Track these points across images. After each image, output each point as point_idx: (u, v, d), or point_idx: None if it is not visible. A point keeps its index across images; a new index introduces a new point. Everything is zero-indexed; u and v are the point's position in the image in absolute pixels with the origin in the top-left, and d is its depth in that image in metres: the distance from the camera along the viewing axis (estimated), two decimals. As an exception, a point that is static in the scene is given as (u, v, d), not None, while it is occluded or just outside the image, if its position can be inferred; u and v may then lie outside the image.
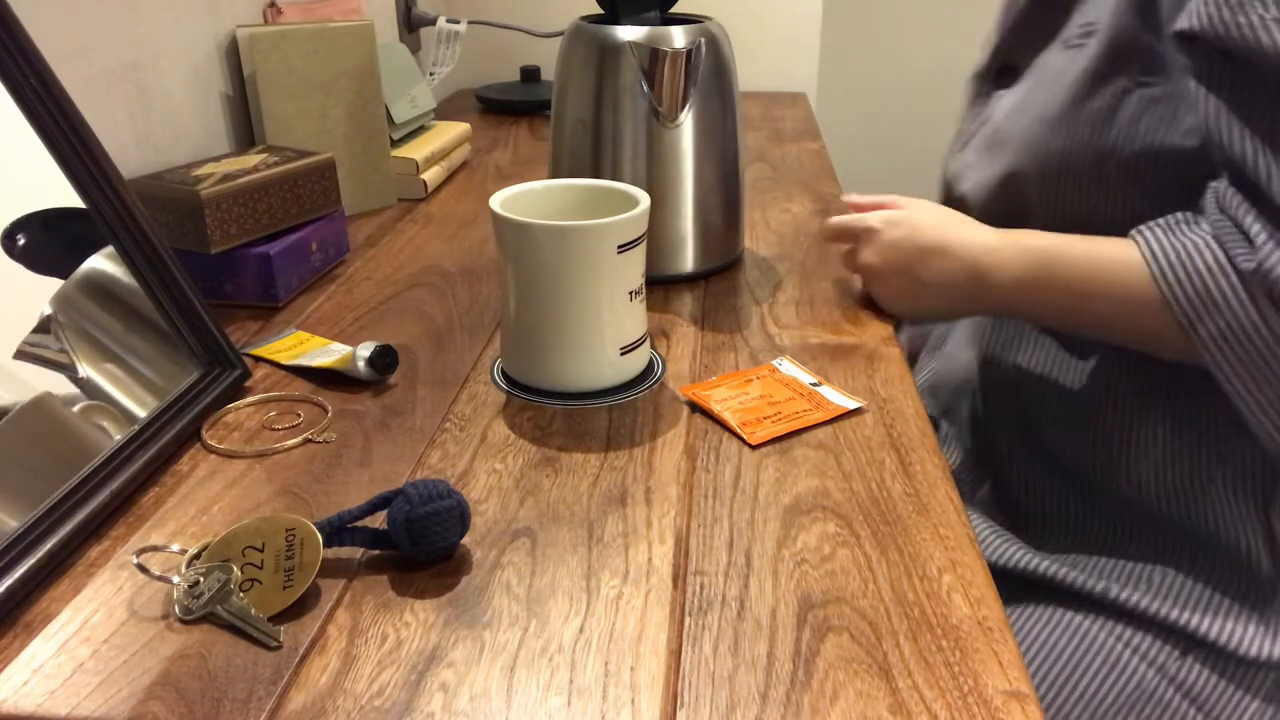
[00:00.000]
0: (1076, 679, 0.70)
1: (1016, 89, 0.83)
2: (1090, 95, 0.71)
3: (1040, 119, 0.75)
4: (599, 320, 0.63)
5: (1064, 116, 0.73)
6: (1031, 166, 0.75)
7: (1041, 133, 0.74)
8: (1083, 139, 0.72)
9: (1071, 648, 0.71)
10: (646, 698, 0.41)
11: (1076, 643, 0.71)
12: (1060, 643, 0.72)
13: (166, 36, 0.90)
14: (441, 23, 1.43)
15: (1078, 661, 0.71)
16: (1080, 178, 0.72)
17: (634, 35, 0.78)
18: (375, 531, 0.50)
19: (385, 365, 0.67)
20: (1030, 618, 0.73)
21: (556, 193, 0.69)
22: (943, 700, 0.41)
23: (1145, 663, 0.70)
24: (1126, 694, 0.69)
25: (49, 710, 0.41)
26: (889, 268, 0.76)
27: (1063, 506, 0.78)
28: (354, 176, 1.03)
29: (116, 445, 0.55)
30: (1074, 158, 0.72)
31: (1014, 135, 0.78)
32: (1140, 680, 0.69)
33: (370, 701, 0.41)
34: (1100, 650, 0.71)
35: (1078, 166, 0.72)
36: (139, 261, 0.62)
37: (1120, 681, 0.70)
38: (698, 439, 0.61)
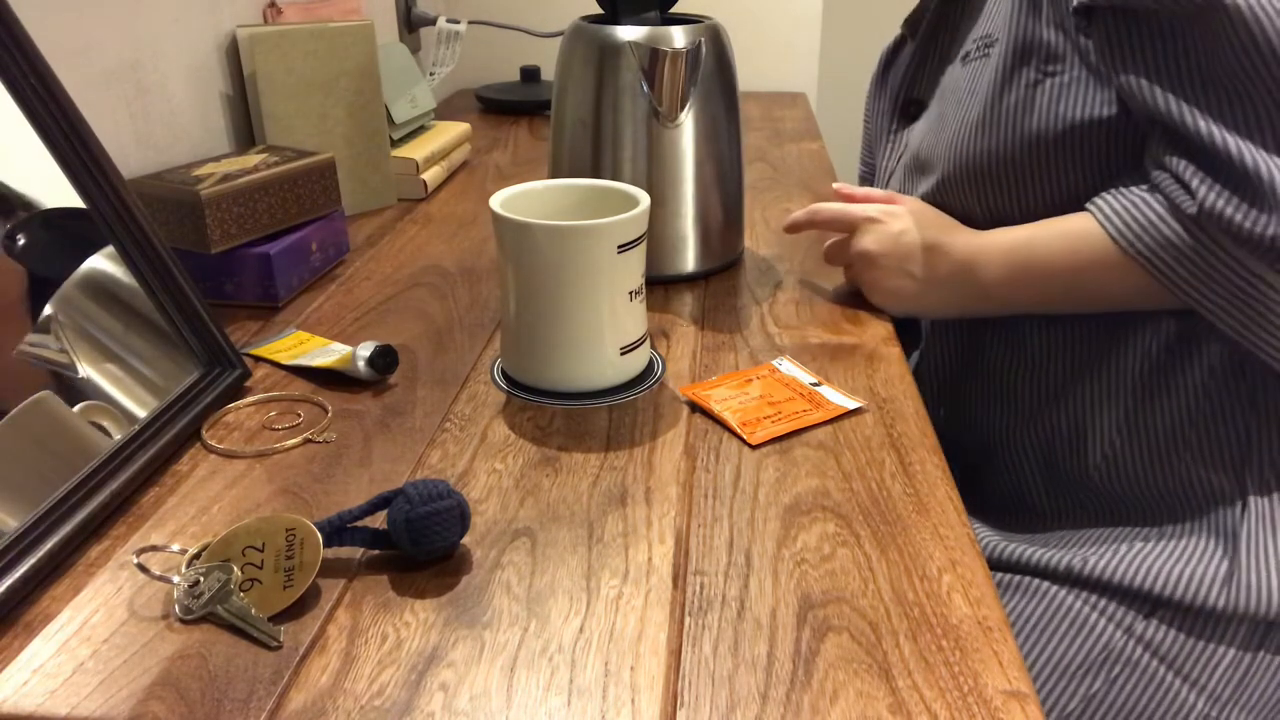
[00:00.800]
0: (1044, 643, 0.71)
1: (926, 116, 0.86)
2: (1004, 93, 0.73)
3: (961, 126, 0.77)
4: (599, 320, 0.63)
5: (984, 119, 0.75)
6: (961, 173, 0.77)
7: (965, 138, 0.76)
8: (1006, 134, 0.73)
9: (1039, 613, 0.72)
10: (646, 698, 0.41)
11: (1044, 608, 0.72)
12: (1027, 609, 0.72)
13: (166, 36, 0.90)
14: (441, 23, 1.43)
15: (1044, 626, 0.71)
16: (1013, 169, 0.74)
17: (634, 35, 0.78)
18: (375, 531, 0.50)
19: (385, 365, 0.67)
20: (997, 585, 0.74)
21: (556, 193, 0.69)
22: (943, 700, 0.41)
23: (1112, 624, 0.70)
24: (1095, 655, 0.70)
25: (49, 710, 0.41)
26: (888, 259, 0.76)
27: (1031, 488, 0.79)
28: (354, 176, 1.03)
29: (116, 445, 0.55)
30: (1002, 152, 0.74)
31: (936, 150, 0.80)
32: (1108, 641, 0.70)
33: (370, 701, 0.41)
34: (1067, 614, 0.71)
35: (1008, 159, 0.74)
36: (139, 261, 0.62)
37: (1089, 643, 0.70)
38: (698, 439, 0.61)
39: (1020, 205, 0.75)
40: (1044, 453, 0.78)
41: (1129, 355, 0.73)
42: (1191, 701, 0.68)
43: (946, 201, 0.79)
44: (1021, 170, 0.74)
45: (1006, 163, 0.74)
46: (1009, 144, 0.74)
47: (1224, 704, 0.68)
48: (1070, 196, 0.73)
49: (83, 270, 0.59)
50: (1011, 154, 0.74)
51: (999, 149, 0.74)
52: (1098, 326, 0.75)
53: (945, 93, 0.84)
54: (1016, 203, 0.75)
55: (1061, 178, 0.73)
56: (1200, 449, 0.72)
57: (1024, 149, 0.73)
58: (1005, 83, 0.74)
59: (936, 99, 0.86)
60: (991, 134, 0.74)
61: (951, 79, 0.82)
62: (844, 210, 0.80)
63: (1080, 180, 0.73)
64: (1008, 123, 0.74)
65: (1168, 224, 0.66)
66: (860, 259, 0.78)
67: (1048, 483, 0.79)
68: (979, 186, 0.76)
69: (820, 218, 0.81)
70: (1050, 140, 0.72)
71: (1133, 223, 0.67)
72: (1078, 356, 0.76)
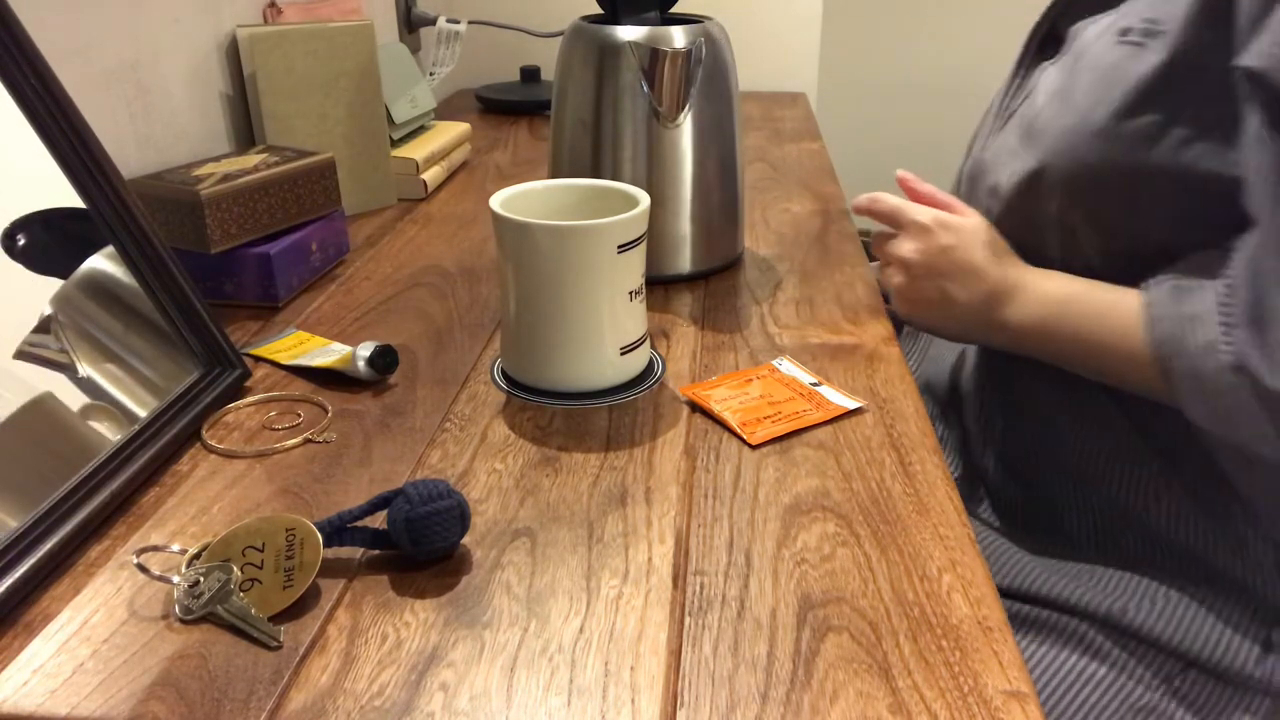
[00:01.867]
0: (1080, 687, 0.69)
1: (1058, 67, 0.77)
2: (1139, 110, 0.67)
3: (1081, 123, 0.70)
4: (599, 320, 0.63)
5: (1106, 128, 0.68)
6: (1061, 171, 0.71)
7: (1079, 139, 0.70)
8: (1121, 155, 0.68)
9: (1075, 658, 0.70)
10: (646, 698, 0.41)
11: (1081, 652, 0.70)
12: (1062, 655, 0.71)
13: (166, 36, 0.90)
14: (441, 23, 1.43)
15: (1082, 669, 0.70)
16: (1111, 193, 0.69)
17: (634, 35, 0.78)
18: (375, 531, 0.50)
19: (385, 365, 0.67)
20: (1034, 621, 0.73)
21: (556, 193, 0.69)
22: (943, 700, 0.41)
23: (1150, 671, 0.69)
24: (1131, 703, 0.69)
25: (49, 710, 0.41)
26: (926, 270, 0.74)
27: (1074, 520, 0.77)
28: (354, 176, 1.03)
29: (116, 445, 0.55)
30: (1109, 172, 0.68)
31: (1049, 131, 0.73)
32: (1145, 690, 0.69)
33: (370, 701, 0.41)
34: (1105, 658, 0.70)
35: (1111, 182, 0.69)
36: (139, 261, 0.62)
37: (1125, 690, 0.69)
38: (698, 439, 0.61)
39: (1099, 222, 0.70)
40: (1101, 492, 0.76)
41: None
42: None
43: (1041, 189, 0.73)
44: (1115, 196, 0.69)
45: (1107, 184, 0.69)
46: (1116, 167, 0.68)
47: None
48: (1155, 236, 0.68)
49: (83, 270, 0.59)
50: (1115, 178, 0.68)
51: (1105, 167, 0.68)
52: None
53: (1083, 54, 0.74)
54: (1099, 220, 0.70)
55: (1153, 218, 0.68)
56: (1255, 514, 0.70)
57: (1128, 178, 0.68)
58: (1147, 99, 0.66)
59: (1072, 54, 0.76)
60: (1103, 149, 0.68)
61: (1098, 45, 0.72)
62: (900, 208, 0.76)
63: (1173, 225, 0.68)
64: (1125, 145, 0.67)
65: (1208, 356, 0.61)
66: (897, 263, 0.76)
67: (1093, 516, 0.77)
68: (1069, 190, 0.71)
69: (878, 208, 0.78)
70: (1161, 181, 0.66)
71: (1175, 338, 0.63)
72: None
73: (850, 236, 0.96)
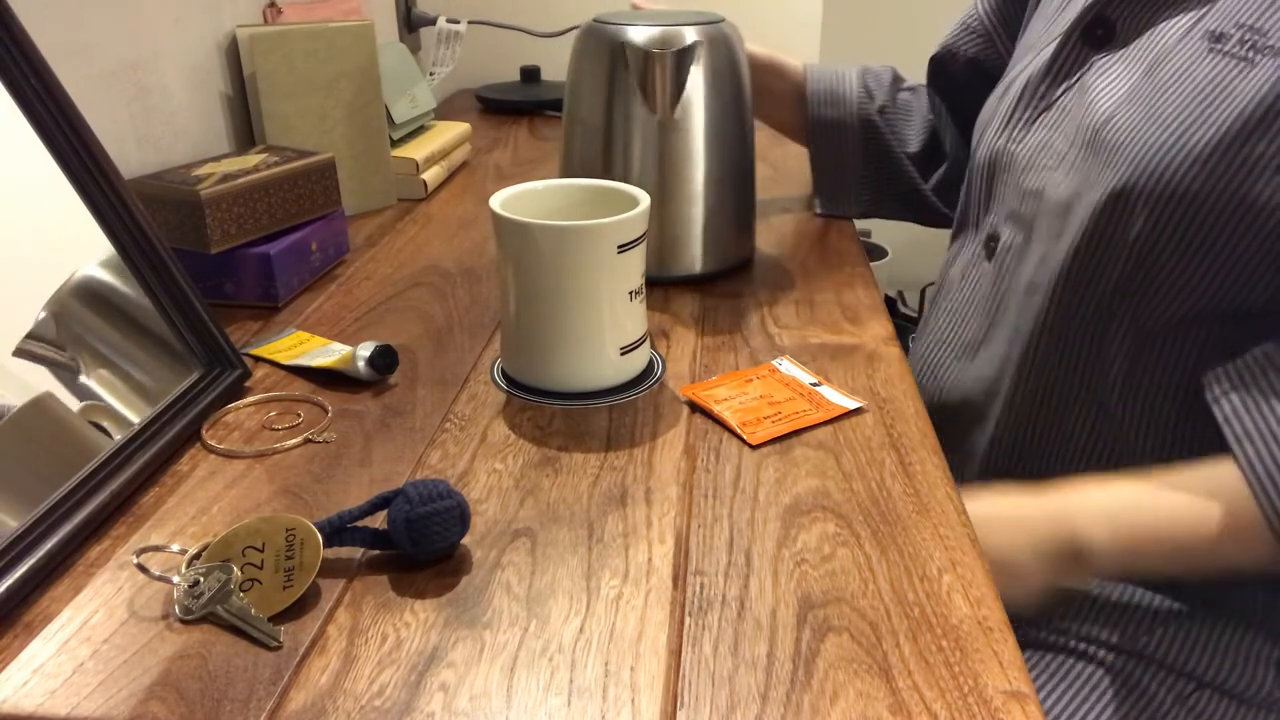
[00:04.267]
0: (1094, 701, 0.69)
1: (1122, 67, 0.68)
2: (1254, 137, 0.59)
3: (1177, 143, 0.62)
4: (599, 320, 0.63)
5: (1213, 155, 0.60)
6: (1150, 194, 0.62)
7: (1175, 160, 0.62)
8: (1229, 186, 0.59)
9: (1089, 671, 0.70)
10: (646, 698, 0.41)
11: (1094, 667, 0.70)
12: (1078, 666, 0.70)
13: (166, 36, 0.90)
14: (441, 23, 1.43)
15: (1096, 684, 0.69)
16: (1212, 228, 0.61)
17: (641, 36, 0.78)
18: (375, 531, 0.50)
19: (385, 365, 0.67)
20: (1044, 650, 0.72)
21: (556, 193, 0.69)
22: (943, 700, 0.41)
23: (1164, 689, 0.68)
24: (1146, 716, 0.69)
25: (49, 710, 0.41)
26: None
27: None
28: (354, 176, 1.03)
29: (116, 445, 0.55)
30: (1211, 204, 0.60)
31: (1132, 147, 0.64)
32: (1159, 705, 0.68)
33: (370, 701, 0.41)
34: (1119, 674, 0.69)
35: (1213, 215, 0.60)
36: (139, 261, 0.62)
37: (1140, 703, 0.68)
38: (698, 439, 0.61)
39: (1189, 268, 0.63)
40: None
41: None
42: None
43: (1123, 215, 0.65)
44: (1218, 239, 0.61)
45: (1209, 222, 0.61)
46: (1224, 202, 0.60)
47: None
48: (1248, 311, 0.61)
49: (77, 277, 0.59)
50: (1221, 216, 0.60)
51: (1210, 201, 0.60)
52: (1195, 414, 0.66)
53: (1167, 63, 0.65)
54: (1190, 264, 0.63)
55: (1260, 275, 0.61)
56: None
57: (1237, 217, 0.60)
58: (1266, 122, 0.59)
59: (1144, 58, 0.67)
60: (1209, 177, 0.60)
61: (1186, 52, 0.64)
62: None
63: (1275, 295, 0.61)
64: (1238, 177, 0.60)
65: None
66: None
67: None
68: (1159, 224, 0.63)
69: None
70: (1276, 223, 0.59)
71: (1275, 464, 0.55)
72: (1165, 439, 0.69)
73: (850, 236, 0.96)
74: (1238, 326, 0.65)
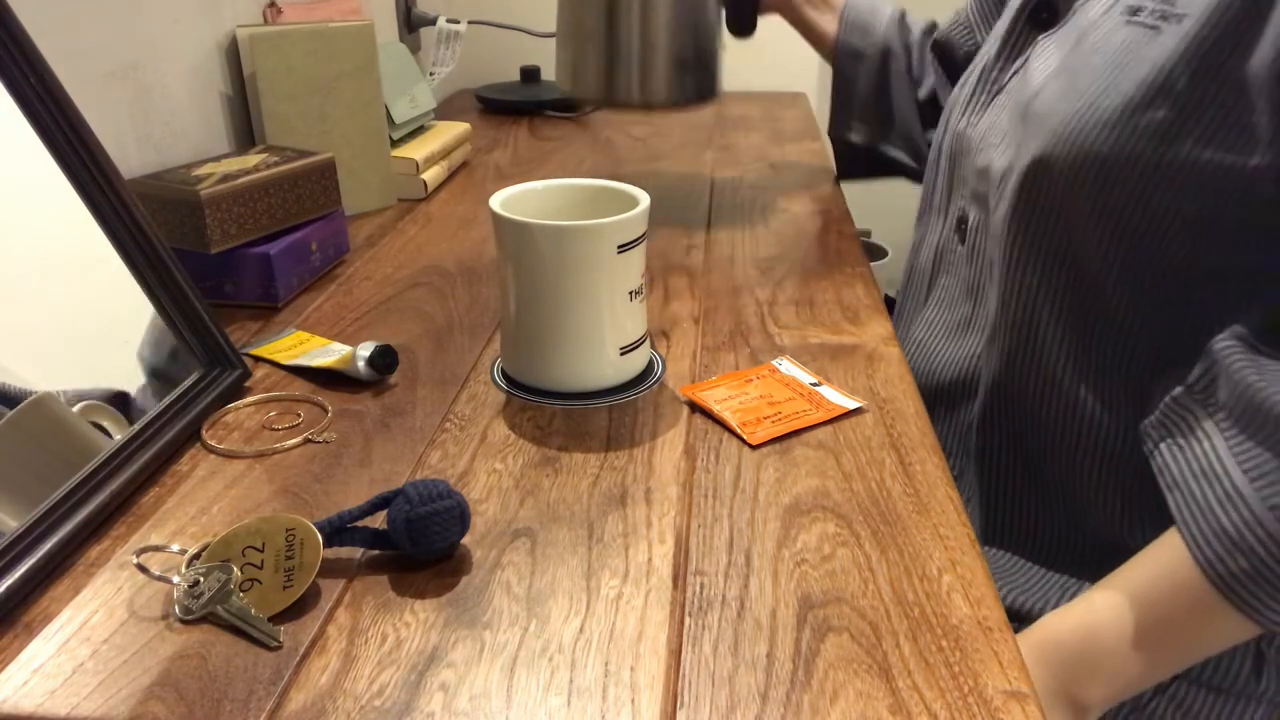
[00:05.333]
0: None
1: (1056, 45, 0.72)
2: (1155, 102, 0.62)
3: (1089, 110, 0.65)
4: (599, 320, 0.63)
5: (1119, 119, 0.64)
6: (1067, 160, 0.66)
7: (1087, 127, 0.65)
8: (1134, 148, 0.63)
9: None
10: (646, 698, 0.41)
11: None
12: None
13: (166, 36, 0.90)
14: (441, 23, 1.43)
15: None
16: (1123, 188, 0.64)
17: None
18: (375, 531, 0.50)
19: (385, 365, 0.67)
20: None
21: (556, 193, 0.69)
22: (943, 700, 0.41)
23: None
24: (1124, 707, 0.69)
25: (49, 710, 0.41)
26: None
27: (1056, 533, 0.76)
28: (354, 176, 1.03)
29: (116, 445, 0.55)
30: (1120, 165, 0.64)
31: (1053, 116, 0.68)
32: (1141, 697, 0.68)
33: (370, 701, 0.41)
34: None
35: (1122, 176, 0.64)
36: (139, 261, 0.62)
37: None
38: (698, 439, 0.61)
39: (1106, 219, 0.66)
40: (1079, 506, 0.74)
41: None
42: None
43: (1042, 180, 0.68)
44: (1128, 194, 0.64)
45: (1119, 180, 0.64)
46: (1132, 163, 0.63)
47: None
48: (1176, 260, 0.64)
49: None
50: (1129, 175, 0.63)
51: (1118, 162, 0.64)
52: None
53: (1086, 35, 0.69)
54: (1105, 217, 0.66)
55: (1169, 219, 0.64)
56: None
57: (1144, 176, 0.63)
58: (1164, 90, 0.62)
59: (1072, 32, 0.71)
60: (1117, 141, 0.64)
61: (1106, 24, 0.68)
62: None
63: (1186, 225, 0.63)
64: (1142, 141, 0.63)
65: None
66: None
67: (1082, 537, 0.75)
68: (1074, 185, 0.66)
69: None
70: (1181, 180, 0.62)
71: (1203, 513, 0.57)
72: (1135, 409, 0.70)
73: (850, 236, 0.96)
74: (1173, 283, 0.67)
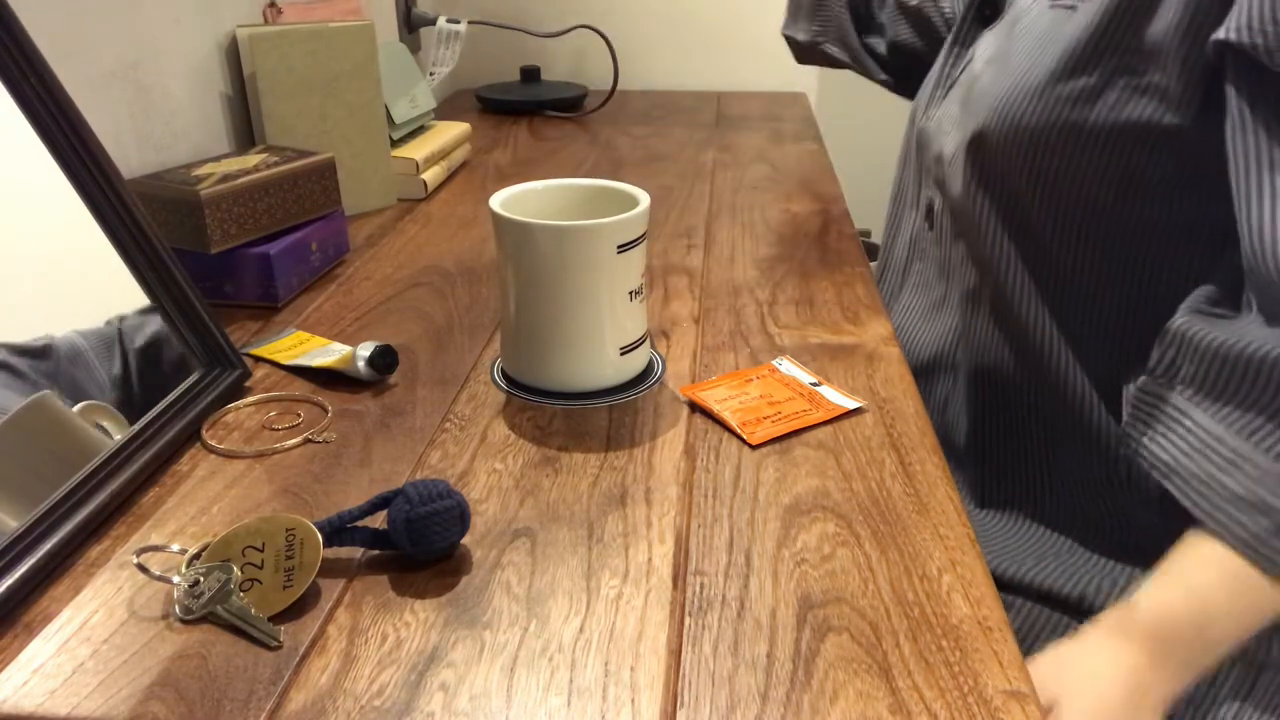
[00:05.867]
0: None
1: (995, 35, 0.80)
2: (1075, 72, 0.69)
3: (1017, 85, 0.72)
4: (599, 320, 0.63)
5: (1043, 90, 0.70)
6: (1001, 133, 0.72)
7: (1016, 100, 0.72)
8: (1059, 115, 0.69)
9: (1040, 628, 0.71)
10: (646, 698, 0.41)
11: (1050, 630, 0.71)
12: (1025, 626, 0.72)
13: (166, 36, 0.90)
14: (441, 23, 1.43)
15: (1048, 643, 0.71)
16: (1053, 153, 0.70)
17: None
18: (375, 531, 0.50)
19: (385, 365, 0.67)
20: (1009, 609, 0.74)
21: (556, 193, 0.69)
22: (943, 700, 0.41)
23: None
24: None
25: (49, 710, 0.41)
26: None
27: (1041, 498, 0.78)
28: (354, 176, 1.03)
29: (116, 445, 0.55)
30: (1048, 132, 0.70)
31: (988, 95, 0.75)
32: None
33: (370, 701, 0.41)
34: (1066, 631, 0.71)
35: (1051, 142, 0.70)
36: (139, 261, 0.62)
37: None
38: (698, 439, 0.61)
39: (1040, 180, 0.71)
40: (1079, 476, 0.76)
41: None
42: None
43: (982, 152, 0.75)
44: (1057, 154, 0.70)
45: (1047, 143, 0.70)
46: (1056, 127, 0.69)
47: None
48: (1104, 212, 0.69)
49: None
50: (1056, 137, 0.69)
51: (1044, 128, 0.70)
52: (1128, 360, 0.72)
53: (1018, 23, 0.77)
54: (1040, 178, 0.71)
55: (1095, 175, 0.69)
56: None
57: (1069, 138, 0.69)
58: (1080, 62, 0.68)
59: (1008, 22, 0.79)
60: (1041, 110, 0.70)
61: (1034, 11, 0.75)
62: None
63: (1113, 182, 0.68)
64: (1064, 106, 0.69)
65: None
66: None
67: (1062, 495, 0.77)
68: (1008, 151, 0.72)
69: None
70: (1102, 139, 0.68)
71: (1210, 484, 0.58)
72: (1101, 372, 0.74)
73: (850, 236, 0.96)
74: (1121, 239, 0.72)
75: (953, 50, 0.87)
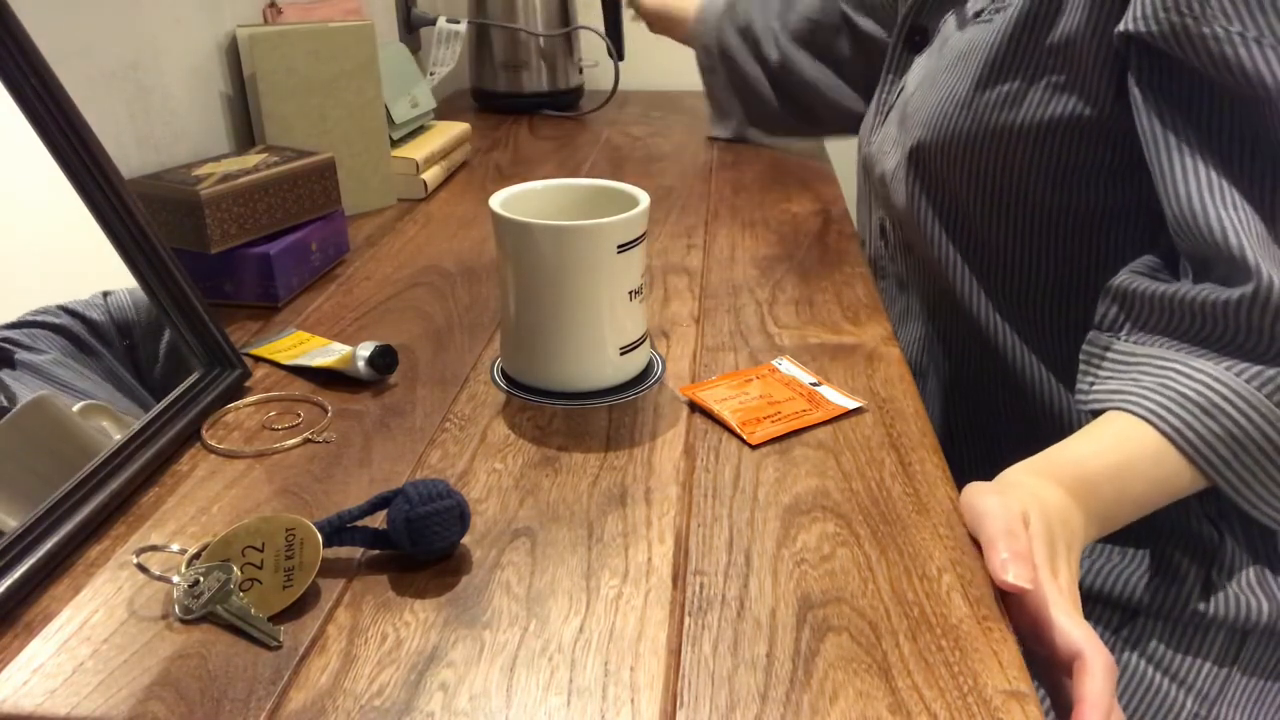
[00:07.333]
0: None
1: (926, 58, 0.85)
2: (996, 80, 0.73)
3: (946, 98, 0.77)
4: (599, 320, 0.63)
5: (970, 98, 0.74)
6: (935, 144, 0.77)
7: (946, 111, 0.76)
8: (988, 119, 0.73)
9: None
10: (646, 698, 0.41)
11: None
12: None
13: (166, 36, 0.90)
14: (441, 23, 1.43)
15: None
16: (987, 155, 0.74)
17: None
18: (375, 531, 0.50)
19: (385, 365, 0.67)
20: None
21: (556, 193, 0.69)
22: (942, 700, 0.41)
23: (1100, 625, 0.71)
24: None
25: (49, 710, 0.41)
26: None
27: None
28: (354, 176, 1.03)
29: (116, 445, 0.55)
30: (980, 136, 0.74)
31: (921, 110, 0.79)
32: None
33: (370, 701, 0.41)
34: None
35: (984, 145, 0.74)
36: (139, 261, 0.62)
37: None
38: (698, 439, 0.61)
39: (979, 182, 0.76)
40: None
41: None
42: (1181, 700, 0.69)
43: (921, 162, 0.79)
44: (990, 157, 0.74)
45: (980, 148, 0.74)
46: (986, 131, 0.74)
47: (1212, 702, 0.69)
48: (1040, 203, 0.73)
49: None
50: (987, 140, 0.74)
51: (975, 133, 0.74)
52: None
53: (945, 43, 0.82)
54: (979, 180, 0.76)
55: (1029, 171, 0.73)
56: None
57: (999, 139, 0.73)
58: (1001, 68, 0.73)
59: (937, 44, 0.84)
60: (971, 118, 0.74)
61: (957, 33, 0.81)
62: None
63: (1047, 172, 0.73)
64: (991, 111, 0.73)
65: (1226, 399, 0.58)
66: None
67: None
68: (946, 158, 0.77)
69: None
70: (1031, 138, 0.72)
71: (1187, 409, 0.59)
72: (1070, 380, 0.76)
73: (850, 236, 0.96)
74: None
75: (886, 78, 0.91)
